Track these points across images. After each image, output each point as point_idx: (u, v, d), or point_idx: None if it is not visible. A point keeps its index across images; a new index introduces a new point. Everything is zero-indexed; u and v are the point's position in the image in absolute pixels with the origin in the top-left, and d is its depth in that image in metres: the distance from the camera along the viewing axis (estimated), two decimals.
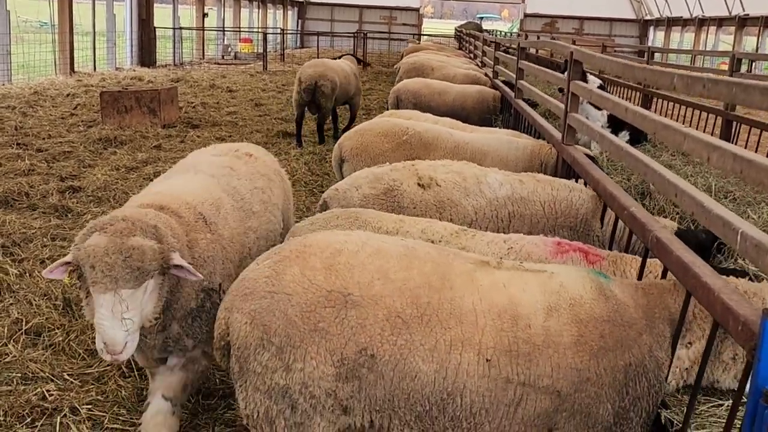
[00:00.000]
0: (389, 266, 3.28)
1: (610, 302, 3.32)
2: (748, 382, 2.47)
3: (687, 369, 3.44)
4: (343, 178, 6.41)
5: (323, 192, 6.08)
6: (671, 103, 14.01)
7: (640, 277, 4.06)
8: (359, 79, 15.17)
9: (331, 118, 14.72)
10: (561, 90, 8.53)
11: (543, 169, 6.87)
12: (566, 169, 6.31)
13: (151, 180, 9.96)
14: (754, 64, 15.31)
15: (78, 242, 3.57)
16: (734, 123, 10.93)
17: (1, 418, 4.55)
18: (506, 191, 5.34)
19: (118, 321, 3.44)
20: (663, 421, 3.35)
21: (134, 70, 25.91)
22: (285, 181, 5.73)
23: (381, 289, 3.19)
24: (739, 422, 2.71)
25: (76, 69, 23.68)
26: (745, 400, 2.50)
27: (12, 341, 5.47)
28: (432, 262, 3.37)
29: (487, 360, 3.12)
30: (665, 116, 8.44)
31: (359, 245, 3.38)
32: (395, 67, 20.10)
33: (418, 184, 5.37)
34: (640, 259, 4.18)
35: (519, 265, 3.55)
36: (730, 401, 3.26)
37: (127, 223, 3.58)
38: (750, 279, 4.15)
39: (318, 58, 33.03)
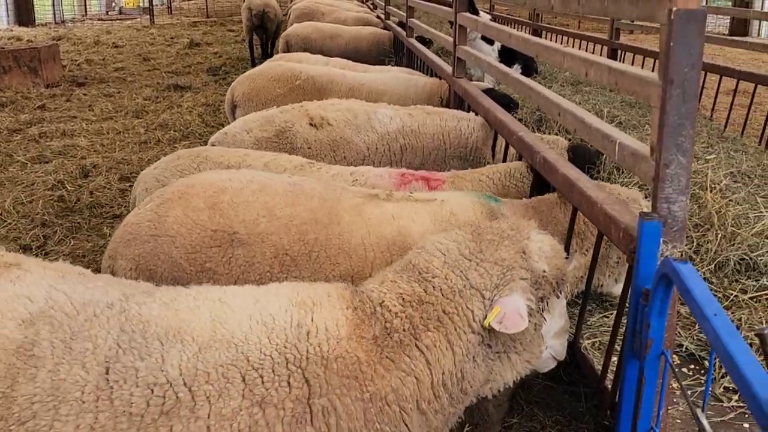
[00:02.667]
0: (274, 203, 3.20)
1: None
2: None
3: (582, 277, 3.51)
4: None
5: None
6: (560, 36, 14.29)
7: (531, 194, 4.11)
8: None
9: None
10: (451, 24, 8.49)
11: (443, 105, 6.84)
12: (458, 103, 6.31)
13: (37, 141, 9.64)
14: None
15: (514, 264, 2.55)
16: (619, 51, 11.20)
17: None
18: (396, 125, 5.31)
19: None
20: None
21: (11, 30, 24.39)
22: None
23: (267, 227, 3.11)
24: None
25: None
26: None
27: None
28: (319, 198, 3.30)
29: None
30: None
31: (243, 183, 3.28)
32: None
33: (311, 124, 5.26)
34: (478, 172, 4.32)
35: (409, 195, 3.52)
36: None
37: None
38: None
39: (207, 10, 32.33)
